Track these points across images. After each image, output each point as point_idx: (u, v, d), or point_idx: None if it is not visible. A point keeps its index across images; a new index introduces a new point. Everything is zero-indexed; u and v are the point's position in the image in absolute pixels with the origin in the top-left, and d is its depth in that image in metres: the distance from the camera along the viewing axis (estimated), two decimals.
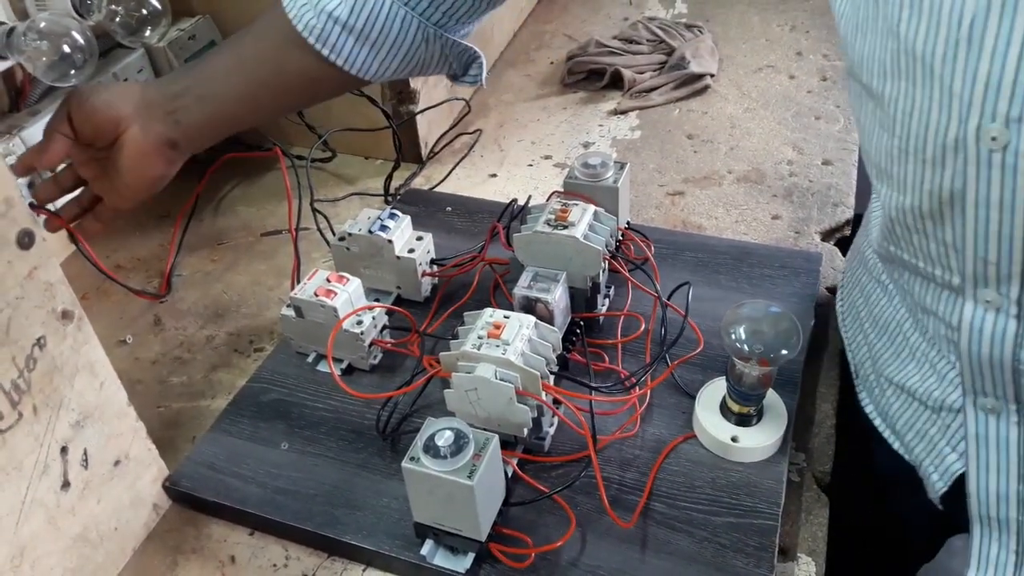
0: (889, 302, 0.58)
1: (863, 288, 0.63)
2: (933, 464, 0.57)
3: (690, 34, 1.16)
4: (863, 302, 0.63)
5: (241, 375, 0.74)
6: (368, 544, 0.58)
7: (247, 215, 0.95)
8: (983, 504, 0.53)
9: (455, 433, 0.52)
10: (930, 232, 0.48)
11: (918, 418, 0.57)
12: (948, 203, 0.45)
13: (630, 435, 0.63)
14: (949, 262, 0.48)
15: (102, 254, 0.87)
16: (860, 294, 0.64)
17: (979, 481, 0.52)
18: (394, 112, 0.96)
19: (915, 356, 0.56)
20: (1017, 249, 0.44)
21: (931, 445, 0.56)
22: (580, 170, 0.73)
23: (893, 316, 0.58)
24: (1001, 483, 0.52)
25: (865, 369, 0.64)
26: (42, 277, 0.50)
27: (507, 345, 0.58)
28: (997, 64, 0.40)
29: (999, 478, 0.52)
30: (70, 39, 0.75)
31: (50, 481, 0.53)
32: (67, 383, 0.53)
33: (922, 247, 0.49)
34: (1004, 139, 0.41)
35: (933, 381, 0.54)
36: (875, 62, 0.47)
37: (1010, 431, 0.50)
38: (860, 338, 0.64)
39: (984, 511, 0.53)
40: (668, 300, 0.71)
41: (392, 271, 0.75)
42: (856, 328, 0.65)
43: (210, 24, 0.94)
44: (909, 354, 0.57)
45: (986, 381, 0.49)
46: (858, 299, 0.64)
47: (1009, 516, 0.52)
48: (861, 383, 0.65)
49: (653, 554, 0.56)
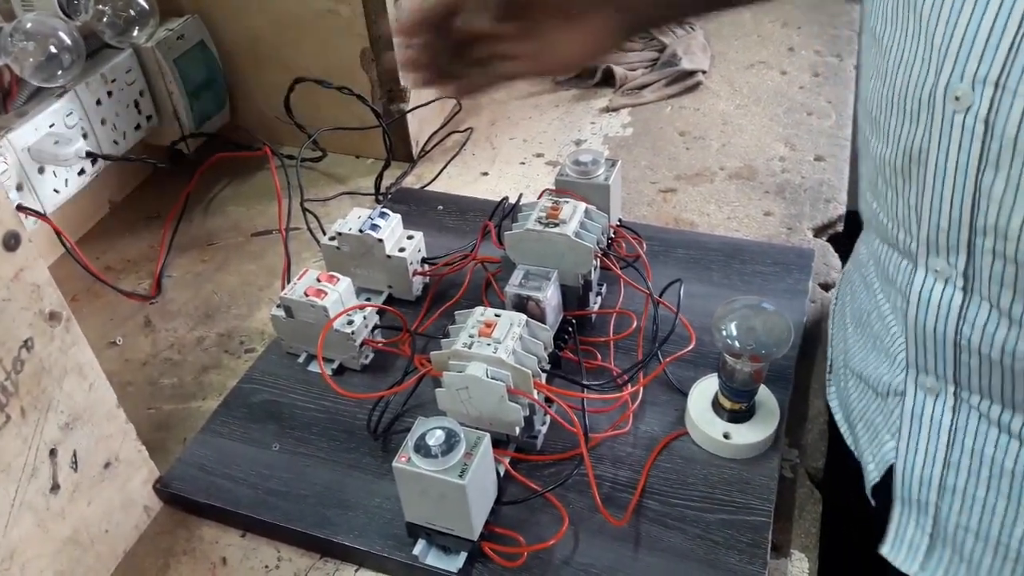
0: (868, 294, 0.58)
1: (852, 285, 0.63)
2: (871, 453, 0.57)
3: (681, 31, 1.15)
4: (850, 299, 0.63)
5: (232, 376, 0.74)
6: (360, 544, 0.58)
7: (237, 215, 0.95)
8: (906, 486, 0.54)
9: (446, 432, 0.52)
10: (900, 190, 0.48)
11: (868, 406, 0.58)
12: (916, 160, 0.45)
13: (622, 433, 0.63)
14: (910, 226, 0.48)
15: (92, 255, 0.87)
16: (849, 291, 0.64)
17: (907, 462, 0.53)
18: (384, 111, 0.96)
19: (875, 343, 0.57)
20: (966, 217, 0.43)
21: (874, 433, 0.57)
22: (571, 168, 0.73)
23: (866, 307, 0.59)
24: (927, 467, 0.52)
25: (837, 363, 0.65)
26: (29, 279, 0.50)
27: (498, 344, 0.58)
28: (974, 22, 0.39)
29: (925, 461, 0.52)
30: (57, 40, 0.75)
31: (39, 484, 0.53)
32: (55, 385, 0.53)
33: (893, 206, 0.49)
34: (967, 100, 0.41)
35: (885, 366, 0.55)
36: (883, 6, 0.47)
37: (944, 415, 0.51)
38: (841, 334, 0.65)
39: (907, 492, 0.54)
40: (660, 297, 0.71)
41: (383, 270, 0.75)
42: (840, 324, 0.65)
43: (198, 23, 0.94)
44: (872, 341, 0.57)
45: (928, 357, 0.50)
46: (846, 297, 0.64)
47: (929, 499, 0.53)
48: (832, 378, 0.65)
49: (646, 551, 0.56)
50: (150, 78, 0.90)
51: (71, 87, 0.80)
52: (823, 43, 1.14)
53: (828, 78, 1.07)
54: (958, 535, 0.52)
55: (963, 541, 0.52)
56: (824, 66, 1.10)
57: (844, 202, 0.87)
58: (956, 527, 0.52)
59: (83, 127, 0.82)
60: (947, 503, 0.52)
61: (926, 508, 0.53)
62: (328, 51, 0.93)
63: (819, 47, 1.14)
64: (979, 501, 0.51)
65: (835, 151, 0.94)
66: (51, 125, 0.79)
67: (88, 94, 0.82)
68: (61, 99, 0.80)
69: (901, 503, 0.55)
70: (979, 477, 0.50)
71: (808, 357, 0.71)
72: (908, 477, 0.53)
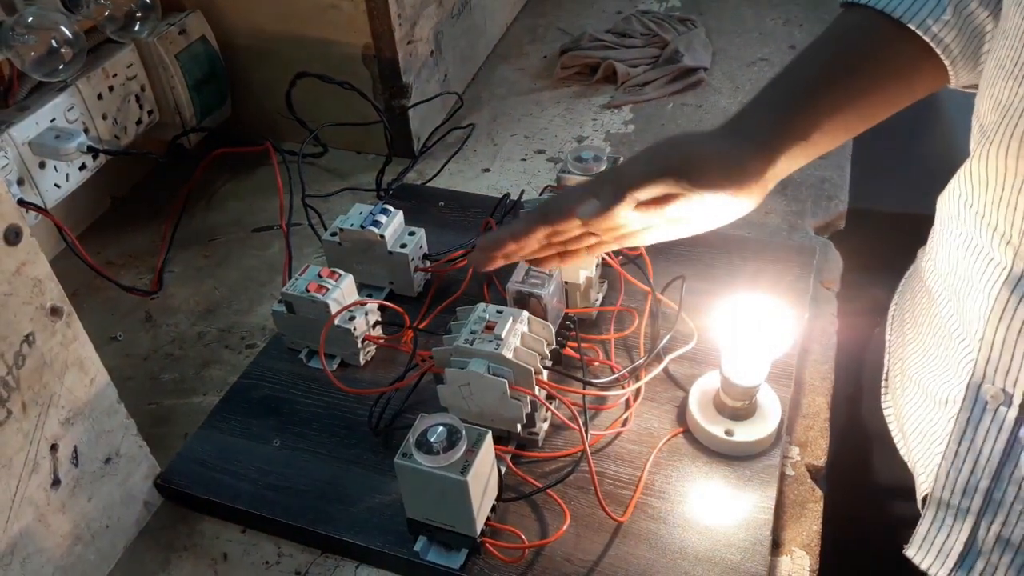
0: (929, 301, 0.58)
1: (913, 292, 0.62)
2: (923, 463, 0.57)
3: (683, 27, 1.15)
4: (909, 306, 0.62)
5: (233, 371, 0.74)
6: (361, 541, 0.58)
7: (238, 210, 0.94)
8: (947, 490, 0.53)
9: (448, 429, 0.52)
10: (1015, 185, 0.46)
11: (923, 416, 0.57)
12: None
13: (624, 430, 0.63)
14: (1013, 223, 0.46)
15: (93, 250, 0.86)
16: (909, 298, 0.63)
17: (952, 467, 0.52)
18: (386, 106, 0.95)
19: (939, 350, 0.56)
20: None
21: (928, 443, 0.56)
22: (573, 164, 0.73)
23: (929, 314, 0.58)
24: (975, 476, 0.52)
25: (894, 371, 0.64)
26: (30, 273, 0.50)
27: (500, 340, 0.58)
28: None
29: (974, 470, 0.52)
30: (58, 34, 0.75)
31: (40, 479, 0.53)
32: (56, 380, 0.53)
33: (1001, 201, 0.47)
34: None
35: (947, 373, 0.54)
36: None
37: (1004, 426, 0.50)
38: (899, 340, 0.64)
39: (947, 496, 0.53)
40: (661, 294, 0.71)
41: (384, 266, 0.75)
42: (899, 331, 0.64)
43: (200, 18, 0.93)
44: (935, 348, 0.56)
45: (1001, 365, 0.49)
46: (906, 303, 0.64)
47: (971, 509, 0.52)
48: (887, 387, 0.64)
49: (647, 548, 0.56)
50: (152, 73, 0.90)
51: (72, 82, 0.80)
52: None
53: None
54: (997, 547, 0.52)
55: (1002, 554, 0.52)
56: None
57: (845, 200, 0.87)
58: (996, 539, 0.52)
59: (84, 122, 0.82)
60: (991, 515, 0.52)
61: (963, 517, 0.53)
62: (330, 46, 0.93)
63: None
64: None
65: (836, 148, 0.94)
66: (52, 120, 0.78)
67: (89, 89, 0.82)
68: (62, 94, 0.79)
69: (936, 507, 0.54)
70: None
71: (810, 354, 0.71)
72: (952, 484, 0.53)
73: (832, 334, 0.72)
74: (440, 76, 1.03)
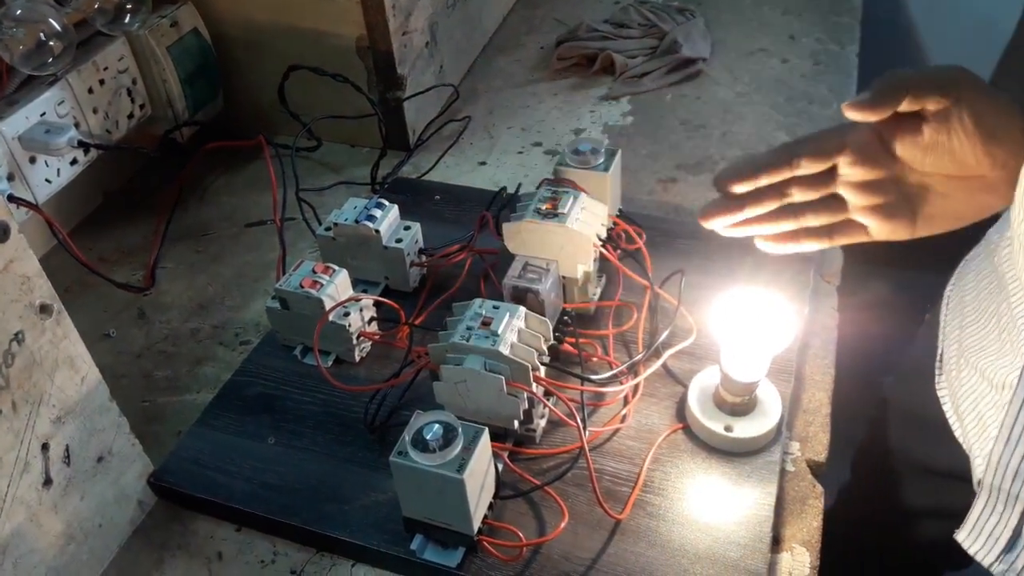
0: (997, 283, 0.57)
1: (977, 275, 0.61)
2: (979, 446, 0.56)
3: (682, 18, 1.14)
4: (972, 288, 0.62)
5: (226, 368, 0.73)
6: (357, 539, 0.57)
7: (231, 205, 0.94)
8: (999, 475, 0.53)
9: (444, 426, 0.51)
10: None
11: (980, 399, 0.57)
12: None
13: (622, 426, 0.63)
14: None
15: (84, 246, 0.85)
16: (973, 280, 0.62)
17: (1005, 451, 0.52)
18: (380, 99, 0.94)
19: (1000, 336, 0.56)
20: None
21: (983, 426, 0.56)
22: (571, 157, 0.72)
23: (994, 298, 0.57)
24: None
25: (949, 354, 0.63)
26: (19, 270, 0.49)
27: (497, 336, 0.57)
28: None
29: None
30: (47, 27, 0.74)
31: (31, 478, 0.52)
32: (47, 378, 0.52)
33: None
34: None
35: (1006, 358, 0.54)
36: None
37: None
38: (956, 322, 0.63)
39: (998, 481, 0.53)
40: (660, 288, 0.70)
41: (379, 261, 0.74)
42: (956, 315, 0.64)
43: (192, 11, 0.92)
44: (996, 334, 0.56)
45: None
46: (968, 286, 0.63)
47: (1022, 494, 0.52)
48: (942, 368, 0.64)
49: (646, 545, 0.55)
50: (143, 66, 0.89)
51: (62, 75, 0.79)
52: (824, 31, 1.13)
53: (829, 66, 1.06)
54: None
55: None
56: (825, 54, 1.08)
57: None
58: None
59: (75, 116, 0.81)
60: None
61: (1015, 502, 0.53)
62: (323, 38, 0.92)
63: (820, 35, 1.12)
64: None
65: None
66: (42, 114, 0.77)
67: (80, 82, 0.81)
68: (52, 87, 0.78)
69: (988, 492, 0.54)
70: None
71: (810, 349, 0.70)
72: (1004, 468, 0.53)
73: (832, 328, 0.72)
74: (435, 68, 1.02)
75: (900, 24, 1.48)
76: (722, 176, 0.55)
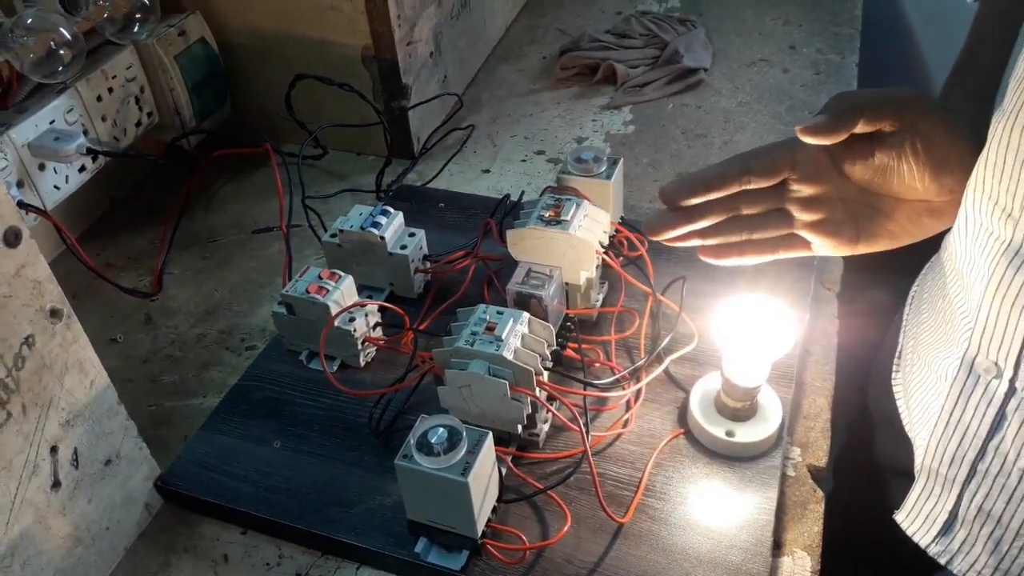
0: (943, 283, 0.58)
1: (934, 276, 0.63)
2: (922, 435, 0.57)
3: (683, 28, 1.15)
4: (929, 290, 0.63)
5: (233, 373, 0.74)
6: (362, 542, 0.58)
7: (238, 212, 0.94)
8: (936, 458, 0.54)
9: (448, 430, 0.52)
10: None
11: (928, 390, 0.58)
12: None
13: (624, 431, 0.63)
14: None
15: (92, 252, 0.86)
16: (930, 281, 0.64)
17: (943, 438, 0.53)
18: (385, 108, 0.95)
19: (944, 327, 0.56)
20: None
21: (926, 416, 0.57)
22: (573, 165, 0.73)
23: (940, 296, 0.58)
24: (962, 448, 0.52)
25: (906, 349, 0.64)
26: (30, 275, 0.50)
27: (500, 341, 0.58)
28: None
29: (962, 442, 0.52)
30: (57, 35, 0.74)
31: (40, 481, 0.53)
32: (56, 382, 0.53)
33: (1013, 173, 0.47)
34: None
35: (949, 348, 0.55)
36: None
37: (994, 400, 0.50)
38: (915, 319, 0.64)
39: (935, 465, 0.54)
40: (662, 295, 0.71)
41: (384, 267, 0.75)
42: (915, 312, 0.65)
43: (200, 20, 0.93)
44: (942, 325, 0.57)
45: (995, 338, 0.49)
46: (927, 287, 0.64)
47: (957, 479, 0.53)
48: (899, 364, 0.65)
49: (648, 549, 0.56)
50: (151, 75, 0.90)
51: (72, 83, 0.80)
52: (825, 41, 1.14)
53: (830, 76, 1.07)
54: (978, 518, 0.53)
55: (983, 525, 0.53)
56: (826, 64, 1.09)
57: None
58: (978, 511, 0.53)
59: (84, 123, 0.82)
60: (974, 487, 0.53)
61: (951, 486, 0.54)
62: (329, 48, 0.92)
63: (820, 45, 1.13)
64: (1007, 491, 0.51)
65: None
66: (51, 121, 0.78)
67: (89, 90, 0.82)
68: (61, 95, 0.79)
69: (926, 476, 0.55)
70: (1014, 467, 0.50)
71: (810, 355, 0.71)
72: (941, 453, 0.54)
73: (832, 335, 0.72)
74: (440, 77, 1.03)
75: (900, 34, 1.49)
76: (671, 190, 0.56)
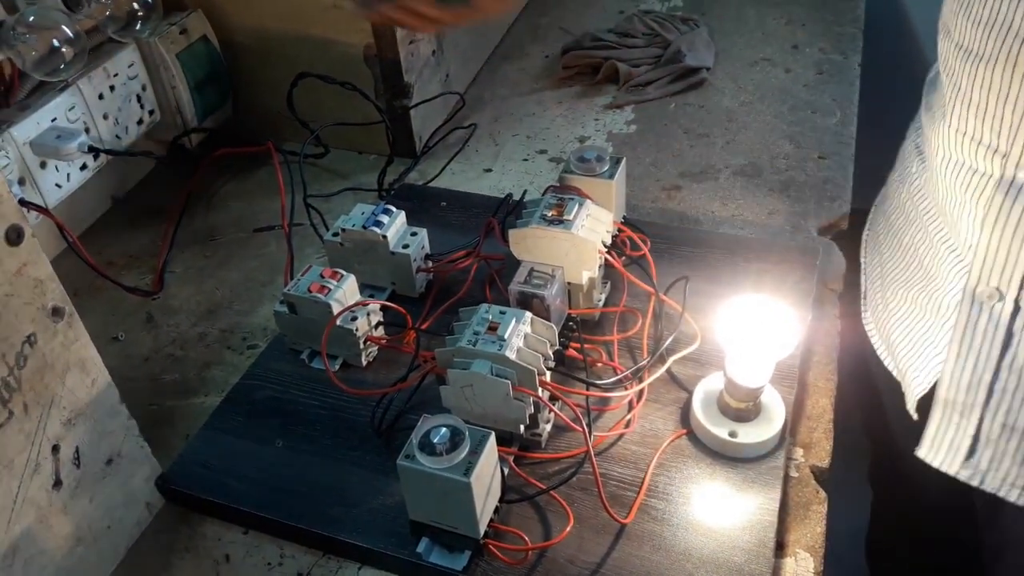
0: (907, 225, 0.60)
1: (887, 216, 0.65)
2: (915, 369, 0.59)
3: (686, 27, 1.15)
4: (885, 232, 0.65)
5: (234, 372, 0.74)
6: (363, 542, 0.58)
7: (239, 211, 0.94)
8: (952, 388, 0.56)
9: (451, 430, 0.52)
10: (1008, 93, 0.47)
11: (913, 324, 0.60)
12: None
13: (627, 431, 0.63)
14: (1008, 130, 0.47)
15: (94, 251, 0.86)
16: (883, 222, 0.66)
17: (955, 367, 0.55)
18: (387, 107, 0.95)
19: (923, 263, 0.58)
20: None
21: (919, 350, 0.59)
22: (576, 164, 0.72)
23: (909, 234, 0.61)
24: (977, 372, 0.54)
25: (874, 289, 0.66)
26: (32, 273, 0.50)
27: (503, 341, 0.58)
28: None
29: (976, 367, 0.54)
30: (59, 33, 0.74)
31: (42, 480, 0.53)
32: (58, 381, 0.53)
33: (990, 109, 0.48)
34: None
35: (936, 282, 0.56)
36: None
37: (1001, 321, 0.52)
38: (876, 261, 0.66)
39: (952, 395, 0.56)
40: (664, 295, 0.71)
41: (386, 267, 0.75)
42: (875, 255, 0.67)
43: (202, 18, 0.93)
44: (917, 263, 0.59)
45: (996, 266, 0.51)
46: (881, 230, 0.66)
47: (976, 402, 0.55)
48: (867, 305, 0.67)
49: (651, 550, 0.56)
50: (153, 73, 0.90)
51: (73, 81, 0.80)
52: (828, 40, 1.14)
53: (833, 75, 1.07)
54: (1003, 435, 0.55)
55: (1008, 440, 0.55)
56: (829, 63, 1.09)
57: (849, 200, 0.87)
58: (1002, 428, 0.54)
59: (85, 121, 0.82)
60: (993, 406, 0.54)
61: (970, 411, 0.56)
62: (332, 46, 0.92)
63: (824, 44, 1.13)
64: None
65: (839, 149, 0.94)
66: (53, 119, 0.78)
67: (90, 88, 0.82)
68: (63, 93, 0.79)
69: (943, 408, 0.57)
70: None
71: (813, 355, 0.70)
72: (956, 383, 0.55)
73: (835, 335, 0.72)
74: (442, 76, 1.03)
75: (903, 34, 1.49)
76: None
